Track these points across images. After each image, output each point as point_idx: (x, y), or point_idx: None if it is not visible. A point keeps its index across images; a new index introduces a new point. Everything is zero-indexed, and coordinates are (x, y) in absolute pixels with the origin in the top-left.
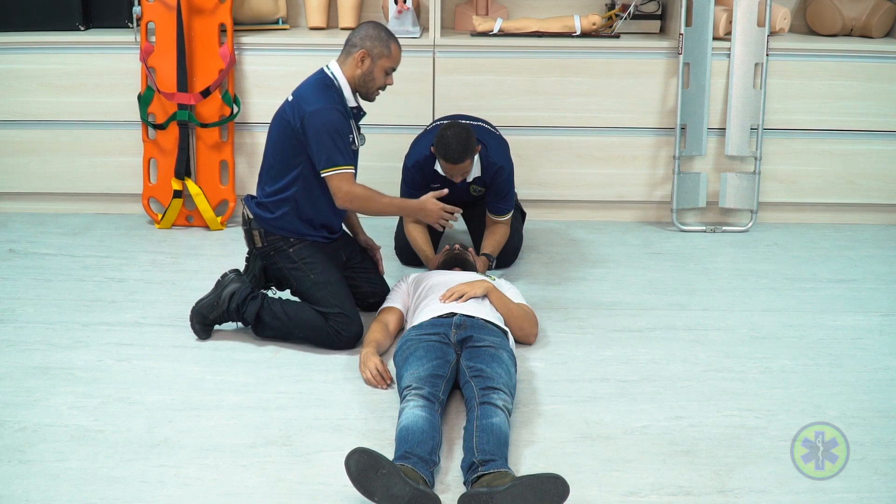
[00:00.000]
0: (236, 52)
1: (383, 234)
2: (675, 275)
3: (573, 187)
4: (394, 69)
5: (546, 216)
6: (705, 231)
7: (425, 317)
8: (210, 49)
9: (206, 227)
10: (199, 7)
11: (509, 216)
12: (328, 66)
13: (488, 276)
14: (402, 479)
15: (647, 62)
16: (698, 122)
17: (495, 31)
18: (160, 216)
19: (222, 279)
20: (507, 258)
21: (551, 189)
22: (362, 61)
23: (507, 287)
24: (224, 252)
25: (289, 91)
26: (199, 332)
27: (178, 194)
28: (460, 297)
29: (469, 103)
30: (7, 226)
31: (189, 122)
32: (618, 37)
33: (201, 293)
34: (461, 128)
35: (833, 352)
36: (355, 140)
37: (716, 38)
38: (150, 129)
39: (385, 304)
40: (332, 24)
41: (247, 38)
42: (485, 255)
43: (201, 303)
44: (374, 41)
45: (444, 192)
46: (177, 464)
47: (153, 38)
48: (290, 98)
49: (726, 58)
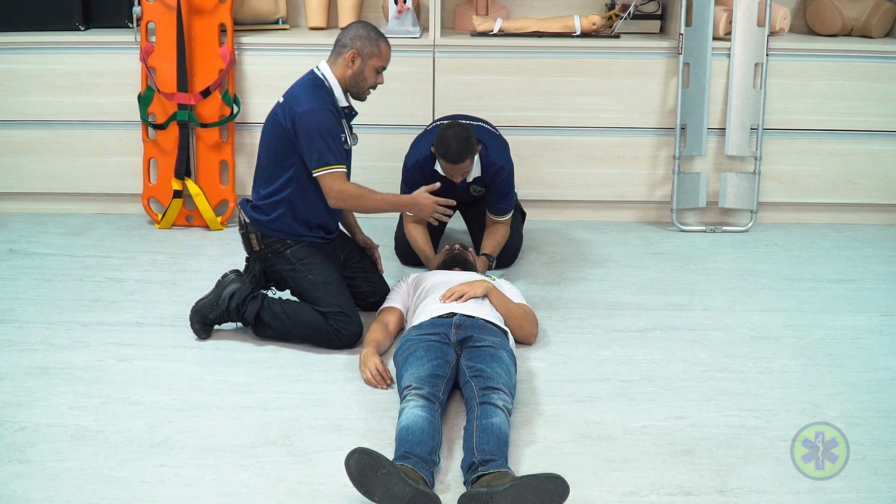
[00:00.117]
0: (236, 52)
1: (383, 233)
2: (675, 275)
3: (573, 187)
4: (384, 68)
5: (546, 216)
6: (705, 231)
7: (425, 317)
8: (210, 49)
9: (206, 227)
10: (199, 7)
11: (509, 216)
12: (318, 66)
13: (488, 276)
14: (402, 479)
15: (647, 62)
16: (698, 122)
17: (495, 31)
18: (160, 216)
19: (222, 279)
20: (507, 258)
21: (551, 189)
22: (353, 61)
23: (507, 287)
24: (224, 252)
25: None
26: (199, 332)
27: (178, 194)
28: (460, 297)
29: (469, 103)
30: (7, 226)
31: (189, 122)
32: (618, 37)
33: (201, 293)
34: (461, 128)
35: (833, 352)
36: (347, 140)
37: (716, 38)
38: (150, 129)
39: (385, 304)
40: (332, 24)
41: (247, 38)
42: (485, 255)
43: (201, 303)
44: (363, 41)
45: (437, 186)
46: (177, 464)
47: (153, 38)
48: (281, 100)
49: (726, 58)
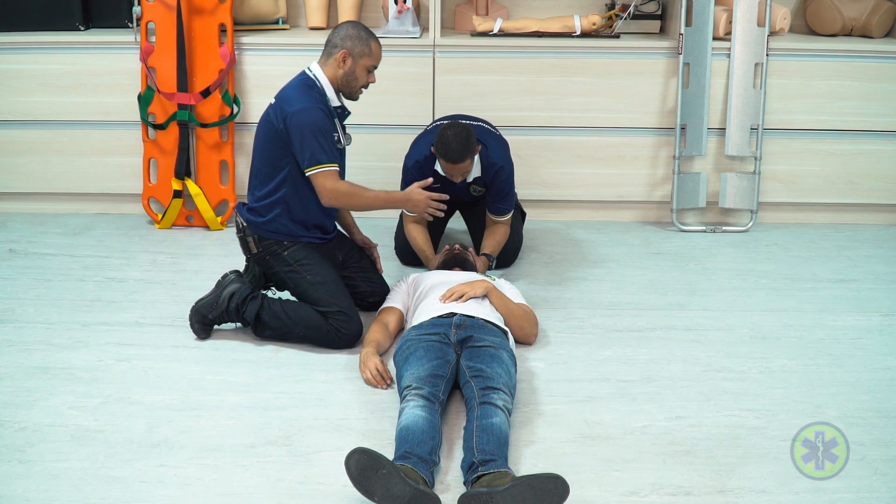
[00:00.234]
0: (236, 52)
1: (383, 233)
2: (675, 275)
3: (573, 187)
4: (375, 67)
5: (546, 216)
6: (705, 231)
7: (425, 317)
8: (210, 49)
9: (206, 227)
10: (199, 7)
11: (509, 216)
12: (310, 67)
13: (488, 276)
14: (401, 479)
15: (647, 62)
16: (698, 122)
17: (495, 31)
18: (160, 216)
19: (222, 279)
20: (507, 258)
21: (551, 189)
22: (344, 61)
23: (507, 287)
24: (224, 252)
25: None
26: (199, 332)
27: (178, 194)
28: (460, 297)
29: (469, 103)
30: (7, 226)
31: (189, 122)
32: (618, 37)
33: (201, 293)
34: (461, 128)
35: (833, 352)
36: (341, 139)
37: (716, 38)
38: (150, 129)
39: (385, 304)
40: (332, 23)
41: (247, 38)
42: (485, 255)
43: (201, 302)
44: (354, 40)
45: (429, 182)
46: (177, 464)
47: (153, 38)
48: (273, 100)
49: (726, 58)
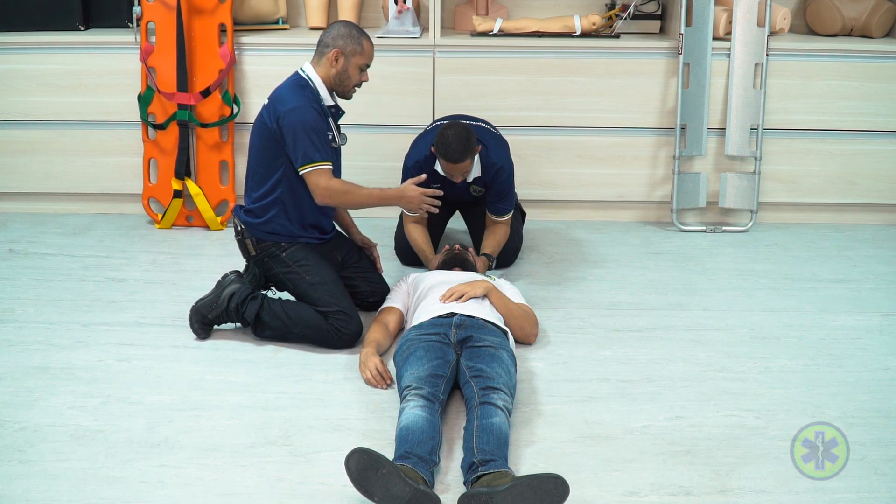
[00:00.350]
0: (236, 52)
1: (383, 233)
2: (675, 275)
3: (573, 187)
4: (368, 66)
5: (546, 216)
6: (705, 231)
7: (425, 317)
8: (210, 49)
9: (206, 227)
10: (199, 7)
11: (509, 216)
12: (302, 68)
13: (488, 276)
14: (401, 479)
15: (647, 62)
16: (698, 122)
17: (495, 31)
18: (160, 216)
19: (223, 280)
20: (507, 258)
21: (551, 189)
22: (336, 60)
23: (507, 287)
24: (224, 252)
25: None
26: (199, 332)
27: (178, 194)
28: (460, 298)
29: (469, 103)
30: (7, 226)
31: (189, 122)
32: (618, 37)
33: (201, 293)
34: (461, 128)
35: (833, 352)
36: (336, 138)
37: (716, 38)
38: (150, 129)
39: (385, 305)
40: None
41: (247, 38)
42: (485, 255)
43: (201, 302)
44: (346, 39)
45: (423, 178)
46: (177, 464)
47: (153, 38)
48: (267, 101)
49: (726, 58)
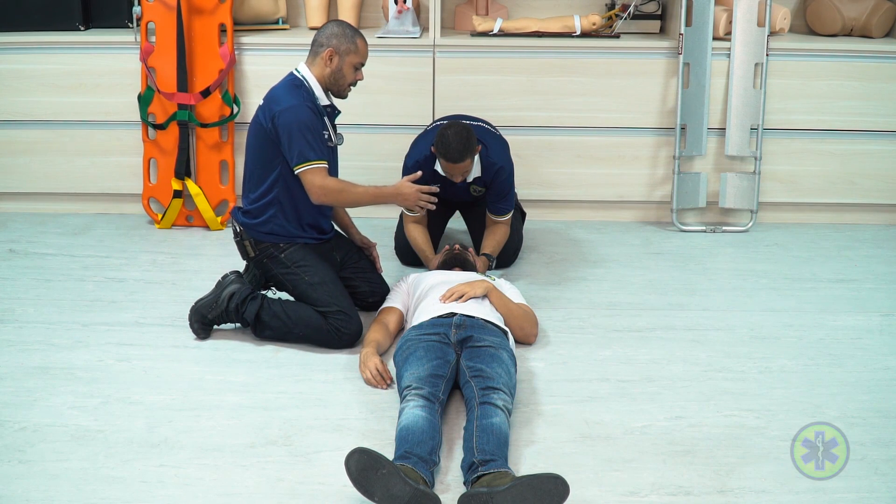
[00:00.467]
0: (236, 52)
1: (383, 233)
2: (675, 275)
3: (573, 187)
4: (362, 64)
5: (546, 216)
6: (705, 231)
7: (425, 317)
8: (210, 49)
9: (206, 227)
10: (199, 7)
11: (509, 216)
12: (297, 68)
13: (488, 276)
14: (401, 478)
15: (647, 62)
16: (698, 122)
17: (495, 31)
18: (160, 216)
19: (223, 280)
20: (507, 258)
21: (551, 189)
22: (330, 59)
23: (507, 287)
24: (224, 252)
25: None
26: (199, 332)
27: (178, 194)
28: (460, 298)
29: (469, 103)
30: (7, 226)
31: (189, 122)
32: (618, 37)
33: (201, 293)
34: (461, 127)
35: (833, 352)
36: (332, 137)
37: (716, 38)
38: (150, 129)
39: (385, 305)
40: None
41: (247, 38)
42: (485, 255)
43: (201, 302)
44: (339, 38)
45: (419, 175)
46: (177, 464)
47: (153, 38)
48: (262, 102)
49: (726, 58)
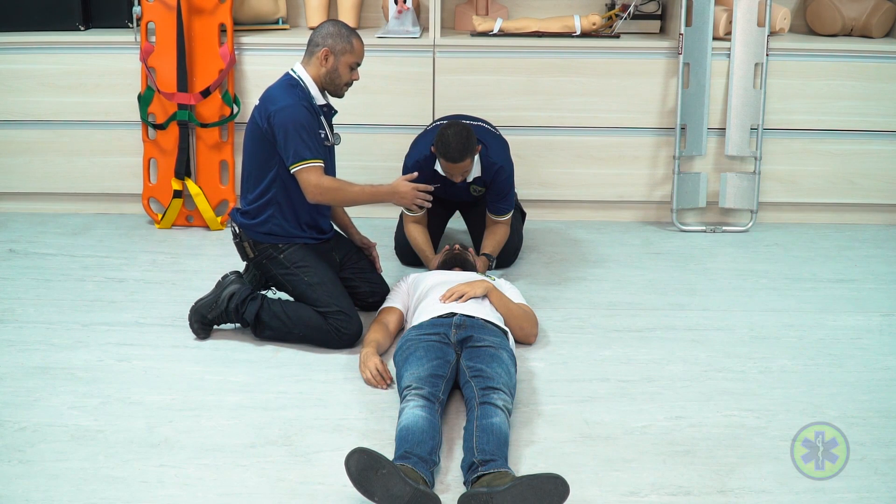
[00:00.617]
0: (236, 52)
1: (383, 233)
2: (675, 275)
3: (573, 187)
4: (358, 64)
5: (546, 216)
6: (705, 231)
7: (425, 317)
8: (210, 49)
9: (206, 227)
10: (199, 7)
11: (509, 216)
12: (293, 68)
13: (488, 276)
14: (402, 478)
15: (647, 62)
16: (698, 122)
17: (495, 31)
18: (160, 216)
19: (223, 280)
20: (507, 258)
21: (551, 189)
22: (326, 59)
23: (507, 287)
24: (224, 252)
25: None
26: (198, 332)
27: (178, 194)
28: (460, 298)
29: (469, 103)
30: (7, 226)
31: (189, 122)
32: (618, 37)
33: (201, 293)
34: (461, 127)
35: (833, 352)
36: (329, 137)
37: (716, 38)
38: (150, 129)
39: (385, 305)
40: None
41: (247, 38)
42: (485, 255)
43: (201, 302)
44: (335, 38)
45: (415, 175)
46: (177, 464)
47: (153, 38)
48: (258, 102)
49: (726, 58)
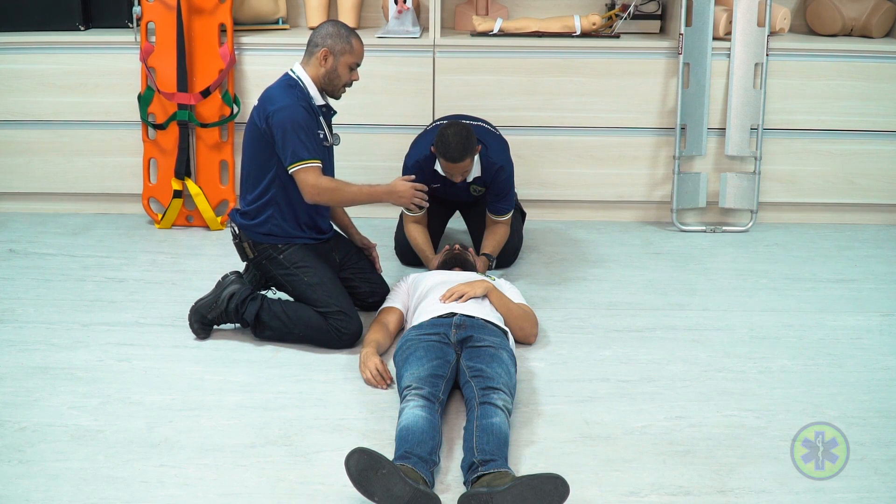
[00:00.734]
0: (236, 52)
1: (383, 233)
2: (675, 275)
3: (573, 187)
4: (357, 65)
5: (546, 216)
6: (705, 231)
7: (425, 317)
8: (210, 49)
9: (206, 227)
10: (199, 7)
11: (509, 216)
12: (293, 68)
13: (488, 276)
14: (402, 479)
15: (647, 62)
16: (698, 122)
17: (495, 31)
18: (160, 216)
19: (223, 280)
20: (507, 258)
21: (551, 189)
22: (325, 59)
23: (507, 287)
24: (224, 252)
25: None
26: (198, 332)
27: (178, 194)
28: (460, 298)
29: (469, 103)
30: (7, 226)
31: (189, 122)
32: (618, 37)
33: (201, 293)
34: (461, 127)
35: (833, 352)
36: (328, 137)
37: (716, 38)
38: (150, 129)
39: (385, 305)
40: None
41: (247, 38)
42: (485, 255)
43: (201, 302)
44: (334, 38)
45: (412, 178)
46: (177, 464)
47: (153, 38)
48: (257, 102)
49: (726, 58)
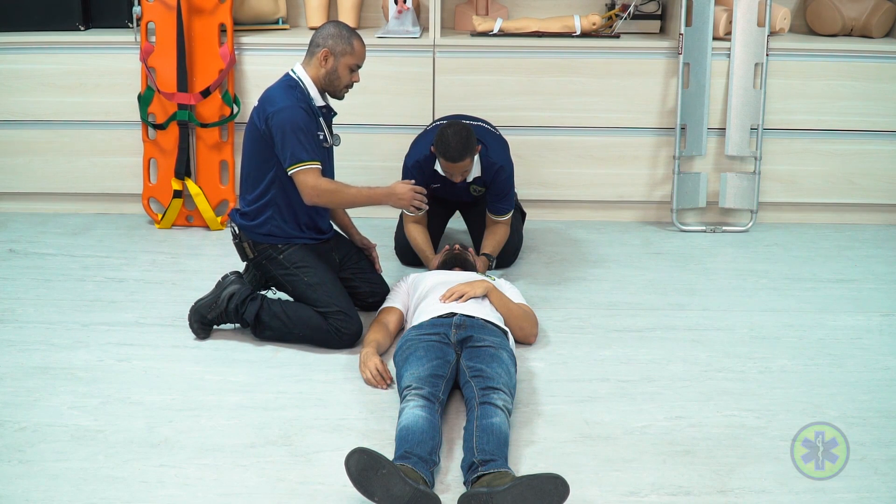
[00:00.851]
0: (236, 52)
1: (383, 233)
2: (675, 275)
3: (573, 187)
4: (359, 66)
5: (546, 216)
6: (705, 231)
7: (425, 317)
8: (210, 49)
9: (206, 227)
10: (199, 7)
11: (509, 216)
12: (293, 69)
13: (488, 276)
14: (402, 479)
15: (647, 62)
16: (698, 122)
17: (495, 31)
18: (160, 216)
19: (223, 280)
20: (507, 258)
21: (551, 189)
22: (325, 60)
23: (507, 287)
24: (224, 252)
25: None
26: (198, 332)
27: (178, 194)
28: (460, 297)
29: (469, 103)
30: (7, 226)
31: (189, 122)
32: (618, 37)
33: (201, 293)
34: (461, 127)
35: (833, 352)
36: (328, 138)
37: (716, 38)
38: (150, 129)
39: (385, 305)
40: None
41: (247, 38)
42: (485, 255)
43: (200, 302)
44: (335, 39)
45: (411, 182)
46: (177, 464)
47: (153, 38)
48: (257, 103)
49: (726, 58)
